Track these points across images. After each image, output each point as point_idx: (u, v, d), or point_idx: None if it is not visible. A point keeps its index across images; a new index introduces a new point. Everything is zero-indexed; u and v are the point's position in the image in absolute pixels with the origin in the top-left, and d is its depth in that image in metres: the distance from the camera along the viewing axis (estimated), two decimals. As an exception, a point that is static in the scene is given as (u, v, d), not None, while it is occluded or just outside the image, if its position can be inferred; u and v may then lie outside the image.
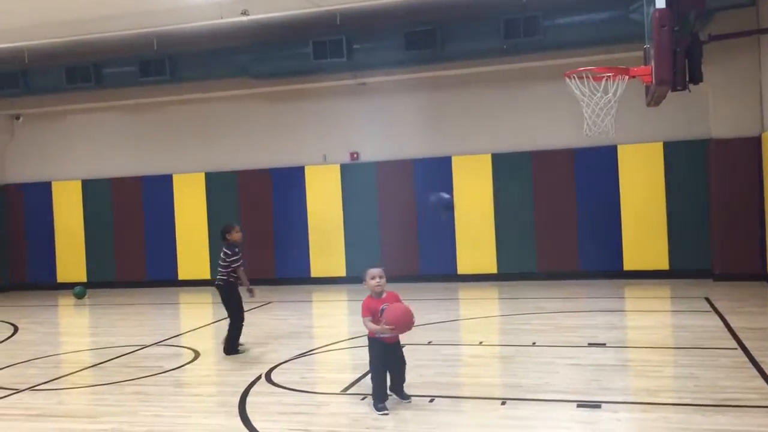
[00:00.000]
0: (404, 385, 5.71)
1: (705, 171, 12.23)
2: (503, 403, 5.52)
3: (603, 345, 7.47)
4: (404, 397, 5.64)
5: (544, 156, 13.05)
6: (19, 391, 6.63)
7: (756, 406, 5.16)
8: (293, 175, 14.24)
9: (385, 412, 5.35)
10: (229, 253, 7.88)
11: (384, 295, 5.50)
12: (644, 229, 12.57)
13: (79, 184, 15.37)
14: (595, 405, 5.36)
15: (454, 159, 13.46)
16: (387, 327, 5.26)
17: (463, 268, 13.44)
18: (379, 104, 13.89)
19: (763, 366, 6.24)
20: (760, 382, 5.80)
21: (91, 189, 15.31)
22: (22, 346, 9.08)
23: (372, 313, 5.41)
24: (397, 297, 5.55)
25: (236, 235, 7.99)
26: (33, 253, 15.63)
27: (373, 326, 5.36)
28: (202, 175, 14.70)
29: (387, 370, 5.52)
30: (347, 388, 6.21)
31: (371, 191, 13.85)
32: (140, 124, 15.22)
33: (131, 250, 15.02)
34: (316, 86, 13.77)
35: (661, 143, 12.52)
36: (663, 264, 12.50)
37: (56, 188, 15.50)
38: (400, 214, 13.68)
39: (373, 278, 5.44)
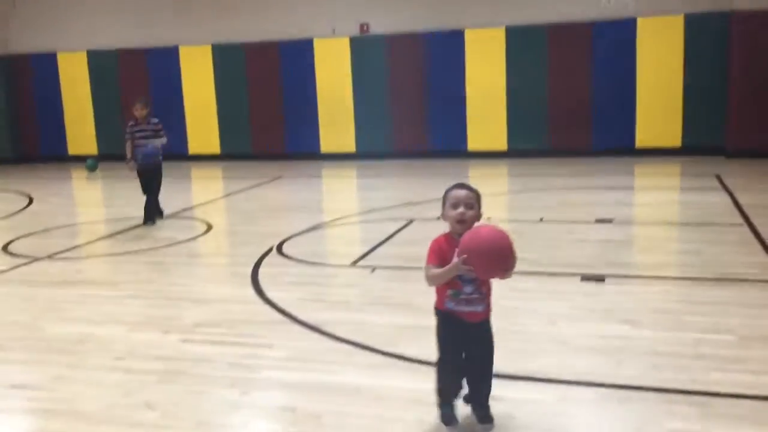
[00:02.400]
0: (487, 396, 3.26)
1: (725, 45, 11.86)
2: (509, 276, 5.64)
3: (610, 221, 7.55)
4: (484, 418, 3.21)
5: (559, 30, 12.64)
6: (38, 259, 6.83)
7: (757, 281, 5.27)
8: (301, 48, 13.92)
9: (452, 423, 3.23)
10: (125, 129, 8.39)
11: None
12: (659, 106, 12.37)
13: (84, 56, 15.12)
14: (599, 278, 5.48)
15: (466, 33, 13.07)
16: (463, 266, 2.89)
17: (473, 144, 13.38)
18: (390, -28, 13.35)
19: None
20: (764, 257, 5.89)
21: (97, 61, 15.06)
22: (38, 217, 9.27)
23: (442, 260, 3.02)
24: None
25: (135, 113, 8.29)
26: (43, 125, 15.63)
27: (437, 270, 3.00)
28: (209, 48, 14.40)
29: (459, 363, 3.21)
30: (357, 261, 6.35)
31: (381, 66, 13.57)
32: (144, -8, 14.76)
33: (140, 123, 14.96)
34: (325, -48, 13.19)
35: (682, 15, 12.07)
36: (676, 141, 12.39)
37: (62, 59, 15.26)
38: (410, 90, 13.47)
39: (455, 206, 3.07)
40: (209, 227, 8.13)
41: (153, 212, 8.38)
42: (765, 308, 4.69)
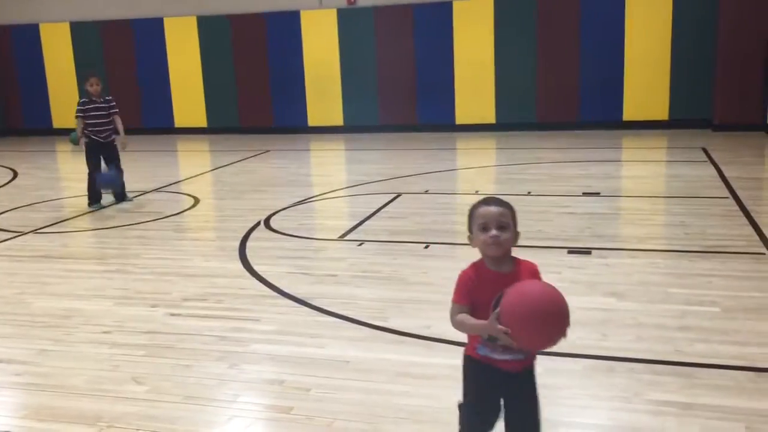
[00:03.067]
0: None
1: (714, 18, 11.81)
2: (496, 249, 5.63)
3: (597, 194, 7.57)
4: None
5: (549, 2, 12.55)
6: (23, 233, 6.77)
7: (741, 253, 5.30)
8: (288, 20, 13.76)
9: None
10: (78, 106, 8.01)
11: (510, 266, 2.52)
12: (647, 78, 12.36)
13: (67, 27, 14.88)
14: (586, 251, 5.50)
15: (454, 4, 12.96)
16: (501, 328, 2.20)
17: (461, 118, 13.33)
18: (377, -58, 13.17)
19: (753, 214, 6.35)
20: (749, 229, 5.93)
21: (80, 33, 14.83)
22: (22, 191, 9.18)
23: (471, 298, 2.40)
24: (535, 272, 2.52)
25: (90, 88, 7.94)
26: (26, 97, 15.42)
27: (473, 321, 2.34)
28: (194, 19, 14.21)
29: (491, 417, 2.49)
30: (344, 235, 6.34)
31: (369, 38, 13.45)
32: (127, -38, 14.50)
33: (125, 96, 14.72)
34: None
35: (672, -13, 12.03)
36: (663, 114, 12.41)
37: (44, 30, 15.02)
38: (398, 62, 13.37)
39: (485, 228, 2.45)
40: (196, 201, 8.09)
41: (123, 188, 8.19)
42: (749, 280, 4.73)
